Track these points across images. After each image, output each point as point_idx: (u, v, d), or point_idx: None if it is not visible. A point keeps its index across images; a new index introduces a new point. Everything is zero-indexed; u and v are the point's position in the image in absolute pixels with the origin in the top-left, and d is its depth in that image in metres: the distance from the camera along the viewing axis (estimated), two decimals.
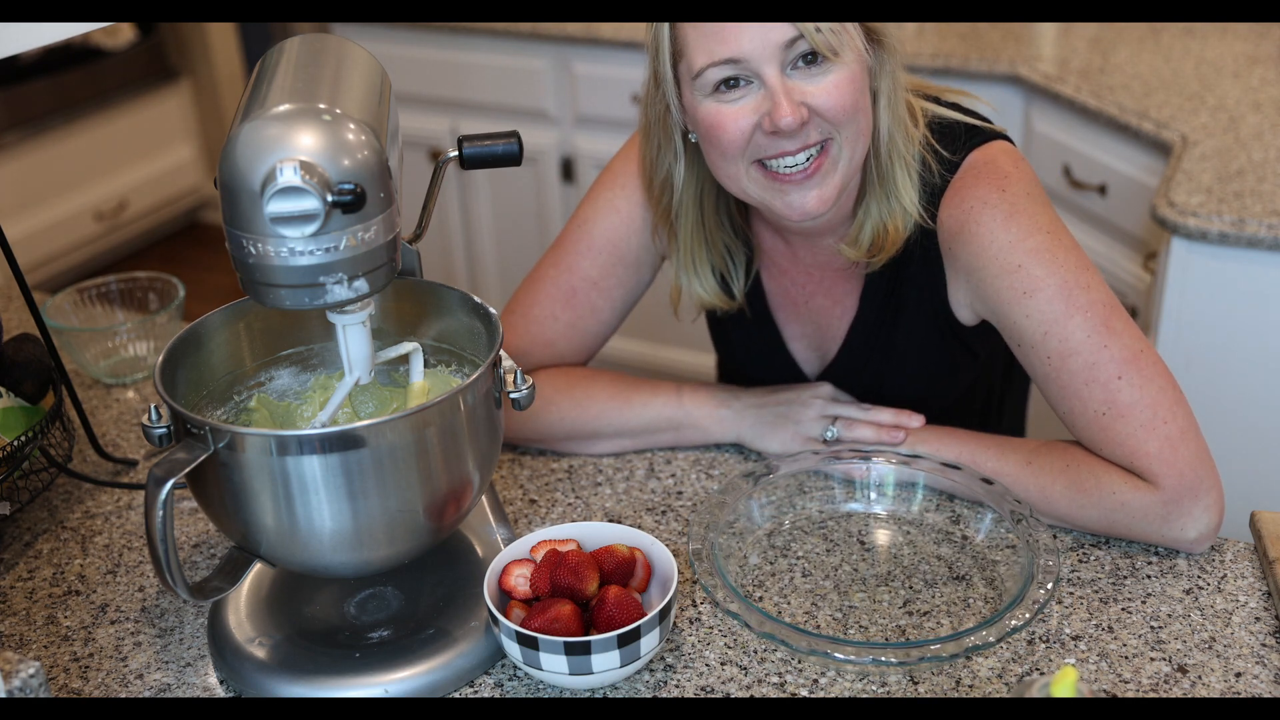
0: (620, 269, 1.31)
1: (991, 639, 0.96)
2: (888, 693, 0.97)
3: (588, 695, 0.97)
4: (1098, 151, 2.12)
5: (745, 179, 1.14)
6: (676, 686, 0.98)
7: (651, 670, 1.00)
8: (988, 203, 1.13)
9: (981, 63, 2.32)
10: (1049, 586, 1.00)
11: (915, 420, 1.22)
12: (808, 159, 1.11)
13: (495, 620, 0.95)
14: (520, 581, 1.01)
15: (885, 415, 1.23)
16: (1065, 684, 0.79)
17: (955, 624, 1.03)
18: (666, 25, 1.12)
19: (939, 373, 1.29)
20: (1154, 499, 1.08)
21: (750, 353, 1.37)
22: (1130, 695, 0.96)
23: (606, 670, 0.94)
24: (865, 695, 0.97)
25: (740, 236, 1.28)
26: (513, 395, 1.01)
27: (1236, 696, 0.95)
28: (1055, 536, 1.13)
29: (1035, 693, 0.80)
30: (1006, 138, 1.21)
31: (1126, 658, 0.99)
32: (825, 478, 1.19)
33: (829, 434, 1.22)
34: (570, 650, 0.93)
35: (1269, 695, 0.95)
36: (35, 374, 1.25)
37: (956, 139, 1.19)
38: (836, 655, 0.96)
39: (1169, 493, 1.07)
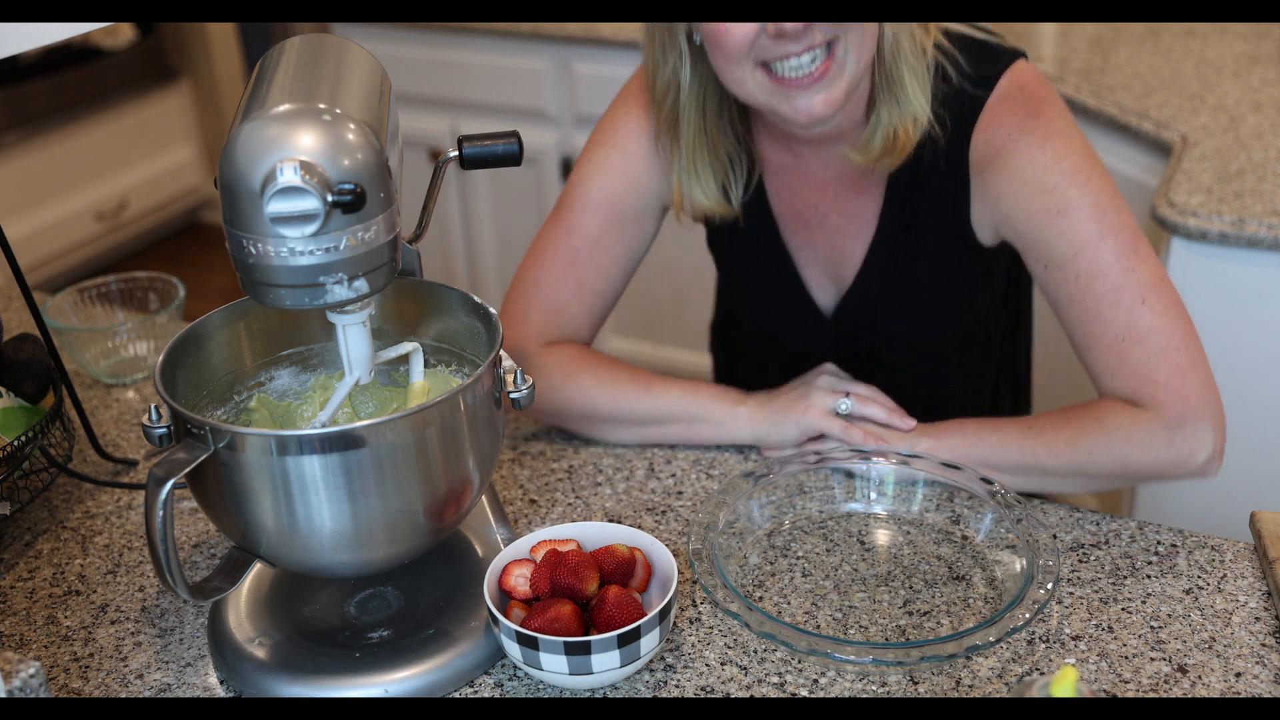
0: (620, 226, 1.31)
1: (991, 639, 0.96)
2: (888, 693, 0.97)
3: (588, 695, 0.97)
4: (1098, 151, 2.11)
5: (751, 83, 1.13)
6: (676, 686, 0.98)
7: (651, 670, 1.00)
8: (1025, 128, 1.14)
9: None
10: (1049, 586, 1.00)
11: (908, 422, 1.21)
12: (813, 61, 1.11)
13: (495, 620, 0.95)
14: (520, 581, 1.01)
15: (888, 401, 1.22)
16: (1065, 684, 0.79)
17: (955, 624, 1.03)
18: None
19: (958, 294, 1.28)
20: (1158, 424, 1.09)
21: (762, 284, 1.34)
22: (1130, 695, 0.96)
23: (606, 670, 0.94)
24: (865, 695, 0.97)
25: (743, 146, 1.27)
26: (513, 395, 1.01)
27: (1236, 696, 0.95)
28: (1055, 537, 1.13)
29: (1035, 693, 0.80)
30: (1023, 54, 1.21)
31: (1126, 658, 0.99)
32: (826, 476, 1.19)
33: (843, 406, 1.21)
34: (570, 650, 0.93)
35: (1269, 695, 0.95)
36: (35, 374, 1.25)
37: (976, 53, 1.19)
38: (836, 655, 0.96)
39: (1171, 417, 1.08)
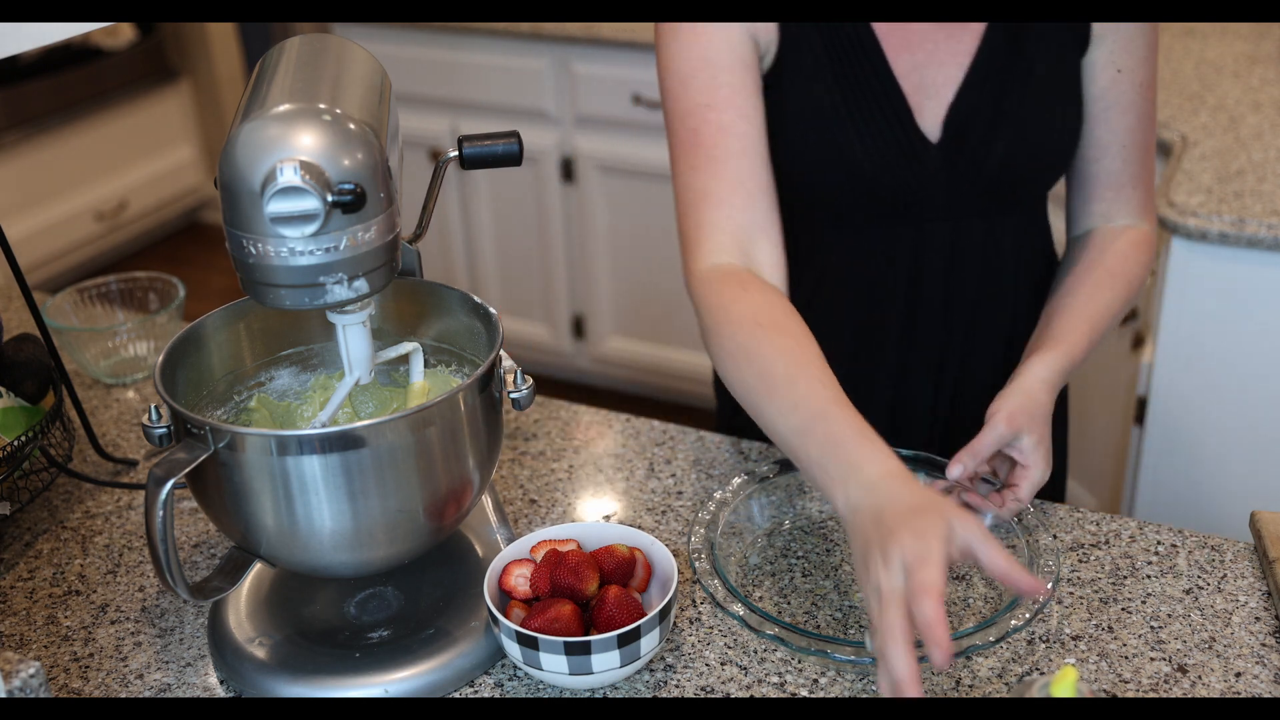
0: (724, 74, 1.16)
1: (991, 639, 0.96)
2: None
3: (588, 695, 0.97)
4: None
5: None
6: (676, 686, 0.98)
7: (651, 670, 1.00)
8: None
9: None
10: (1049, 586, 1.00)
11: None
12: None
13: (495, 620, 0.95)
14: (520, 581, 1.01)
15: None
16: (1065, 684, 0.79)
17: (955, 624, 1.03)
18: None
19: (1064, 103, 1.22)
20: (1150, 231, 1.25)
21: (839, 84, 1.19)
22: (1130, 695, 0.96)
23: (606, 670, 0.94)
24: (865, 695, 0.97)
25: None
26: (513, 395, 1.01)
27: (1236, 696, 0.95)
28: (1055, 537, 1.13)
29: (1035, 693, 0.80)
30: None
31: (1126, 658, 0.99)
32: None
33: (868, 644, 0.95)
34: (570, 650, 0.93)
35: (1269, 695, 0.95)
36: (35, 374, 1.25)
37: None
38: (837, 655, 0.96)
39: (1152, 223, 1.27)
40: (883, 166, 1.20)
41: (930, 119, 1.21)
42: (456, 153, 1.09)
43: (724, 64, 1.16)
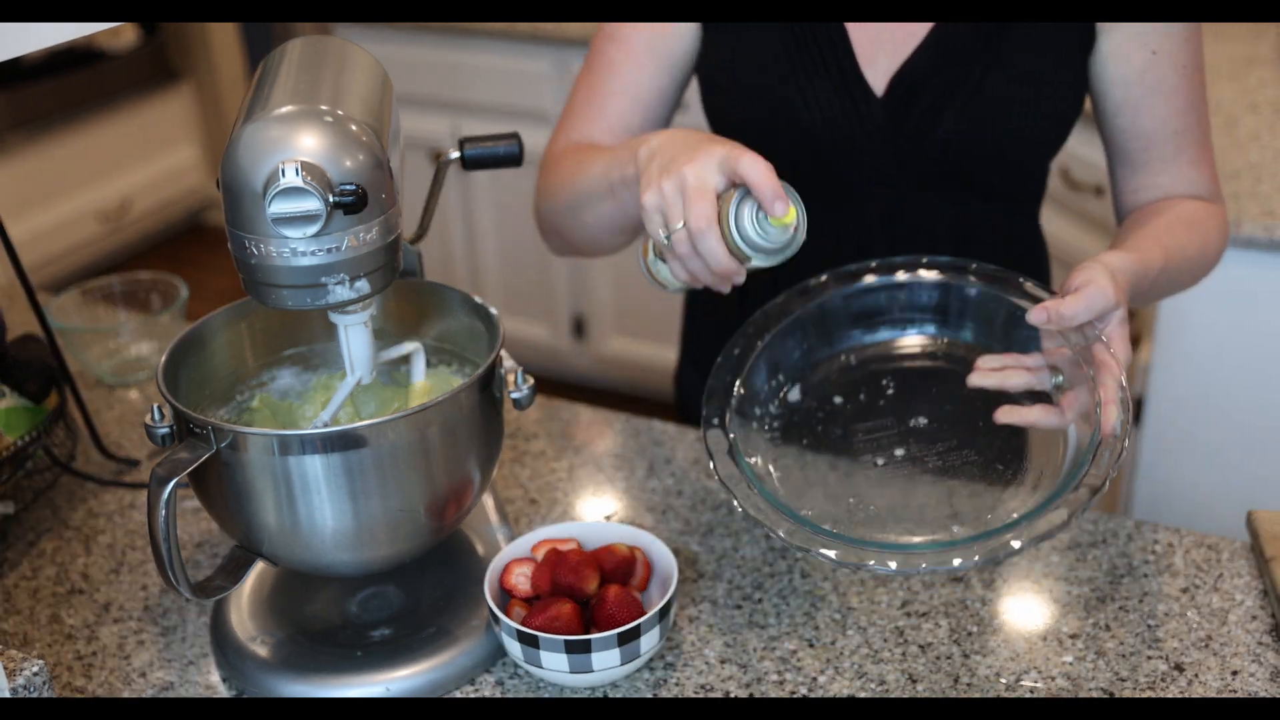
0: (633, 28, 1.20)
1: (1063, 516, 0.90)
2: (886, 692, 0.97)
3: (588, 694, 0.98)
4: (1095, 153, 2.12)
5: None
6: (676, 685, 0.99)
7: (651, 669, 1.00)
8: None
9: None
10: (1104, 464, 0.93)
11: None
12: None
13: (496, 619, 0.96)
14: (521, 580, 1.01)
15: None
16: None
17: (955, 624, 1.04)
18: None
19: (1056, 94, 1.16)
20: (1223, 210, 1.21)
21: (787, 27, 1.17)
22: (1127, 694, 0.96)
23: (607, 669, 0.95)
24: (865, 695, 0.97)
25: None
26: (513, 395, 1.02)
27: (1233, 695, 0.96)
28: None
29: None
30: None
31: (1123, 656, 1.00)
32: (826, 474, 1.19)
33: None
34: (571, 649, 0.93)
35: (1265, 694, 0.96)
36: (38, 374, 1.25)
37: None
38: (878, 567, 0.91)
39: (1223, 206, 1.23)
40: (820, 117, 1.17)
41: (879, 73, 1.17)
42: (457, 154, 1.09)
43: (641, 29, 1.20)
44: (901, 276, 1.13)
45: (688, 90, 1.28)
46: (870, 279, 1.13)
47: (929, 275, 1.12)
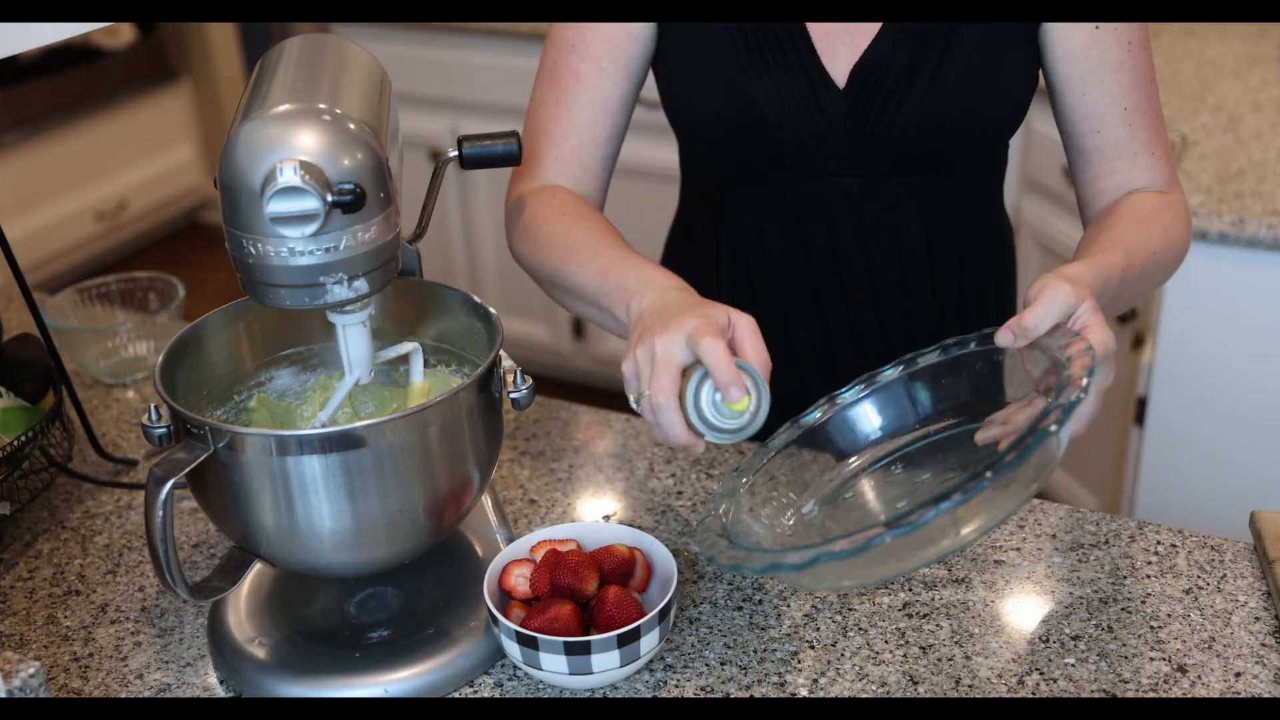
0: (592, 31, 1.21)
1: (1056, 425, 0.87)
2: (888, 693, 0.97)
3: (588, 695, 0.97)
4: None
5: None
6: (676, 686, 0.98)
7: (651, 670, 1.00)
8: None
9: None
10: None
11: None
12: None
13: (495, 620, 0.96)
14: (520, 581, 1.01)
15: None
16: None
17: (956, 626, 1.03)
18: None
19: (1010, 72, 1.17)
20: (1182, 199, 1.21)
21: (743, 34, 1.18)
22: (1130, 695, 0.96)
23: (606, 670, 0.94)
24: (865, 695, 0.97)
25: None
26: (513, 395, 1.01)
27: (1236, 696, 0.95)
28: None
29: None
30: None
31: (1126, 658, 0.99)
32: (824, 474, 1.19)
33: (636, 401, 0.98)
34: (570, 650, 0.93)
35: (1269, 695, 0.95)
36: (35, 374, 1.25)
37: None
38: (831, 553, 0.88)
39: (1181, 193, 1.23)
40: (781, 110, 1.19)
41: (840, 64, 1.19)
42: (456, 153, 1.09)
43: (598, 29, 1.21)
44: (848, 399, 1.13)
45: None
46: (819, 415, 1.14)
47: (874, 399, 1.13)
